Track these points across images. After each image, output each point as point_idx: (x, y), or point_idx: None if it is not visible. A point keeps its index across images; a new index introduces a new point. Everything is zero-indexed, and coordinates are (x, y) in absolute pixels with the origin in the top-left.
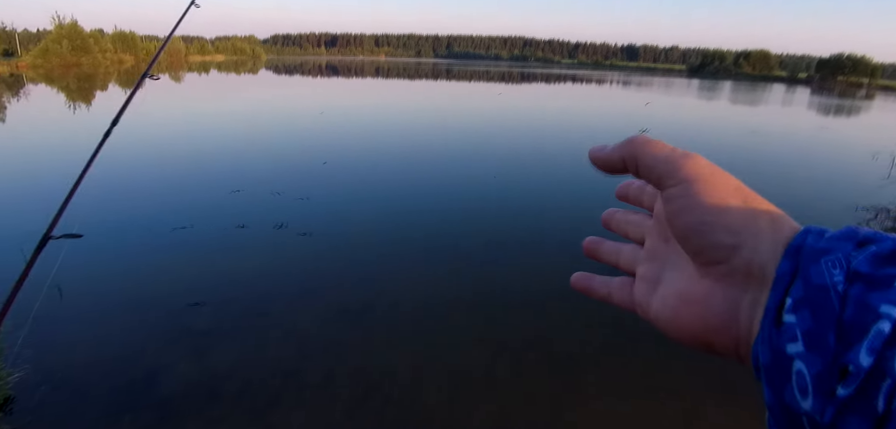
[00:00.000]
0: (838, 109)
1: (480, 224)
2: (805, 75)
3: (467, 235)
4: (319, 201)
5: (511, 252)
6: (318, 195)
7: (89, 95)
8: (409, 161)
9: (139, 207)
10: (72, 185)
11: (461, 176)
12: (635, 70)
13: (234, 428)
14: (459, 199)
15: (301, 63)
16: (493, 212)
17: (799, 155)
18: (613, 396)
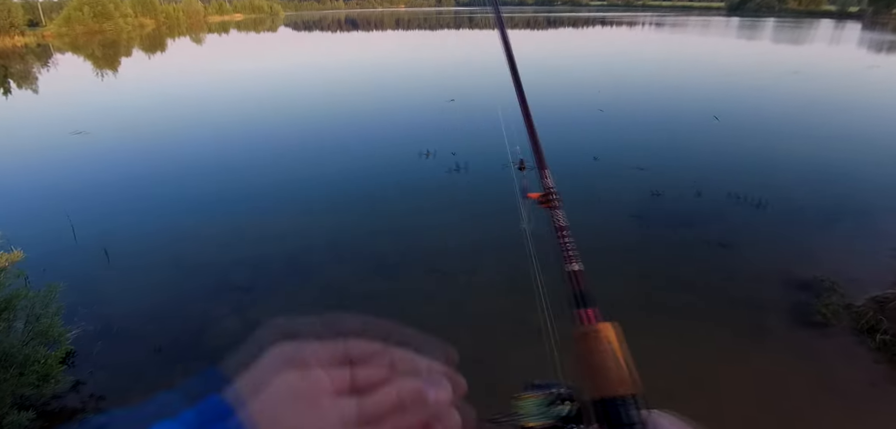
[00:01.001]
0: (892, 45)
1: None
2: (856, 9)
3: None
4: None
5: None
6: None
7: (116, 63)
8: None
9: (182, 175)
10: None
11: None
12: (670, 9)
13: None
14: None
15: (320, 19)
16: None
17: (845, 96)
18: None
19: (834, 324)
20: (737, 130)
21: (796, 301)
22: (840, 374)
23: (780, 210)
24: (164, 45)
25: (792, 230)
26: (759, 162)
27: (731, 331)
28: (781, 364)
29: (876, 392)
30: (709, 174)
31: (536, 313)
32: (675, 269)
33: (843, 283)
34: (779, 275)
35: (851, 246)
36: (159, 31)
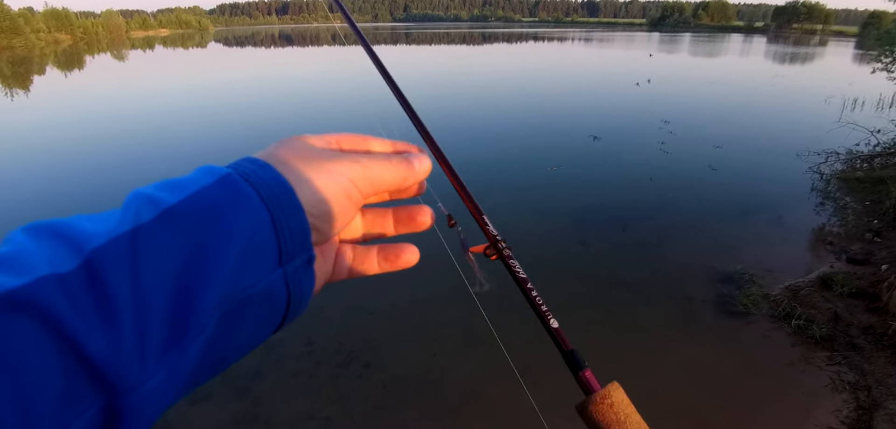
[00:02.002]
0: (793, 56)
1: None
2: (762, 24)
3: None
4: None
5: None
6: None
7: (27, 82)
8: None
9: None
10: None
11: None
12: (596, 26)
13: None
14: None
15: (253, 34)
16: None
17: (755, 103)
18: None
19: (754, 312)
20: (660, 137)
21: (720, 293)
22: (762, 357)
23: (701, 209)
24: (82, 62)
25: (713, 227)
26: (680, 165)
27: (664, 323)
28: (710, 351)
29: (793, 371)
30: (635, 177)
31: (519, 391)
32: (611, 270)
33: (761, 274)
34: (703, 269)
35: (766, 239)
36: (77, 47)
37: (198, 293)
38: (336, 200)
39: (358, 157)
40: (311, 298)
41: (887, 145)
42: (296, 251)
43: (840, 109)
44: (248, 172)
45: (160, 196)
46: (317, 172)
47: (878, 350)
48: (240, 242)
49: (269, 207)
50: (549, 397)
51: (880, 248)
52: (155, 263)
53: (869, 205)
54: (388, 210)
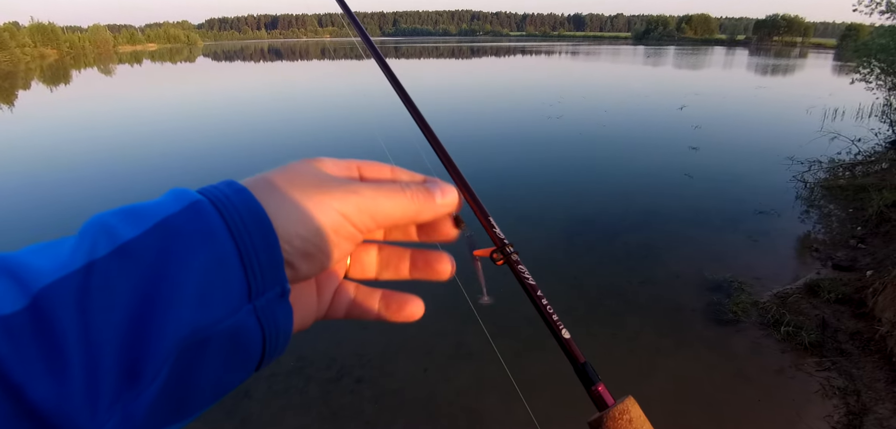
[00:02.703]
0: (775, 68)
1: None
2: (743, 37)
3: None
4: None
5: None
6: None
7: (12, 96)
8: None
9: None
10: None
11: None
12: (583, 39)
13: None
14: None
15: (242, 48)
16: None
17: (740, 114)
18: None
19: (744, 320)
20: (648, 148)
21: (710, 301)
22: (752, 363)
23: (689, 219)
24: (67, 77)
25: (701, 236)
26: (668, 176)
27: (655, 332)
28: (701, 359)
29: (783, 377)
30: (623, 189)
31: (511, 405)
32: (601, 280)
33: (750, 281)
34: (693, 278)
35: (753, 247)
36: (63, 61)
37: (152, 335)
38: (319, 235)
39: (356, 186)
40: (291, 333)
41: (868, 154)
42: (266, 285)
43: (821, 119)
44: (220, 197)
45: (119, 227)
46: (302, 201)
47: (866, 355)
48: (200, 277)
49: (236, 238)
50: (545, 411)
51: (864, 254)
52: (107, 303)
53: (852, 212)
54: (406, 251)
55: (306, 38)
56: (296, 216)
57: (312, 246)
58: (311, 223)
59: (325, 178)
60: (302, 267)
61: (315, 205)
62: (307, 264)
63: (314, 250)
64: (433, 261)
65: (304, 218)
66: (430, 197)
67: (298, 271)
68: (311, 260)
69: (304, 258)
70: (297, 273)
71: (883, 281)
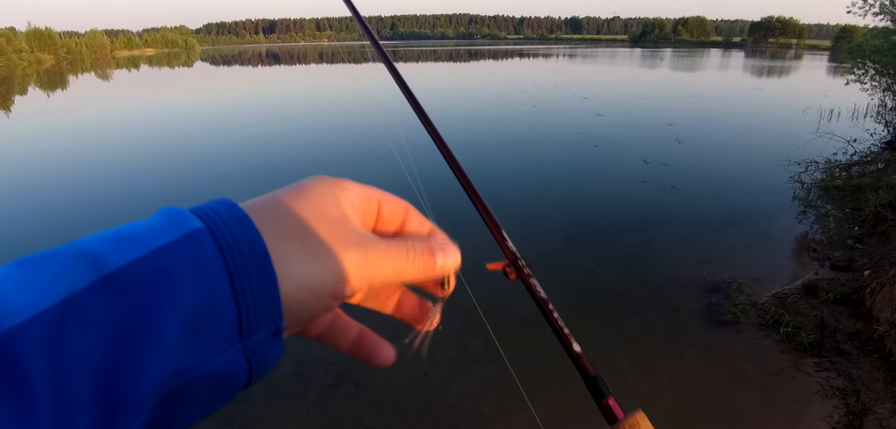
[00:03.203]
0: (770, 70)
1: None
2: (739, 39)
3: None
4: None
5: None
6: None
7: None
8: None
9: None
10: None
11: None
12: (580, 42)
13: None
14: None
15: (240, 53)
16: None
17: (736, 115)
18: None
19: (743, 321)
20: (644, 150)
21: (709, 302)
22: (752, 364)
23: (687, 220)
24: (65, 82)
25: (699, 238)
26: (666, 177)
27: (654, 334)
28: (700, 360)
29: (783, 378)
30: (621, 191)
31: (511, 409)
32: (599, 282)
33: (748, 282)
34: (691, 280)
35: (751, 248)
36: (60, 67)
37: (132, 379)
38: (317, 294)
39: (368, 249)
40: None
41: (864, 154)
42: (260, 325)
43: (817, 120)
44: (219, 225)
45: (104, 255)
46: (310, 251)
47: (865, 355)
48: (189, 317)
49: (233, 276)
50: (546, 414)
51: (861, 254)
52: (85, 342)
53: (849, 212)
54: (396, 290)
55: (304, 42)
56: (299, 267)
57: (309, 307)
58: (314, 278)
59: (340, 225)
60: (297, 314)
61: (322, 258)
62: (302, 313)
63: (312, 303)
64: (421, 310)
65: (313, 287)
66: (431, 260)
67: (292, 317)
68: (306, 310)
69: (300, 309)
70: (290, 320)
71: (880, 281)
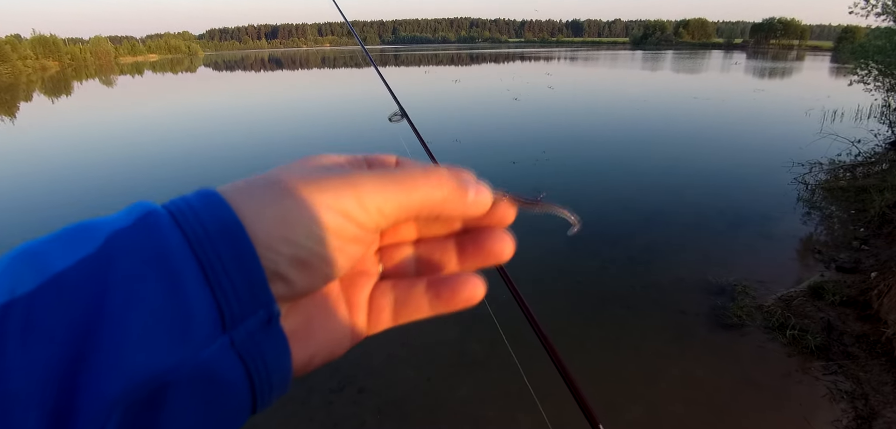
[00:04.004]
0: (772, 71)
1: None
2: (740, 41)
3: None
4: None
5: None
6: None
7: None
8: None
9: None
10: None
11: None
12: (581, 45)
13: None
14: None
15: (242, 58)
16: None
17: (739, 117)
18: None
19: (748, 324)
20: (647, 152)
21: (714, 305)
22: (758, 368)
23: (691, 223)
24: (69, 89)
25: (703, 240)
26: (669, 180)
27: (659, 337)
28: (706, 364)
29: (790, 382)
30: (625, 193)
31: (516, 413)
32: (604, 285)
33: (754, 285)
34: (696, 282)
35: (756, 250)
36: (64, 73)
37: (86, 387)
38: (314, 238)
39: (356, 177)
40: (289, 367)
41: (868, 155)
42: (244, 310)
43: (820, 121)
44: (182, 207)
45: (49, 256)
46: (287, 199)
47: (873, 358)
48: (150, 308)
49: (198, 254)
50: (550, 417)
51: (867, 255)
52: (27, 351)
53: (854, 213)
54: (450, 240)
55: (306, 47)
56: (279, 217)
57: (307, 251)
58: (300, 224)
59: (317, 171)
60: (298, 279)
61: (304, 202)
62: (305, 275)
63: (310, 256)
64: (484, 241)
65: (290, 219)
66: (462, 189)
67: (295, 284)
68: (308, 269)
69: (299, 268)
70: (293, 287)
71: (887, 282)
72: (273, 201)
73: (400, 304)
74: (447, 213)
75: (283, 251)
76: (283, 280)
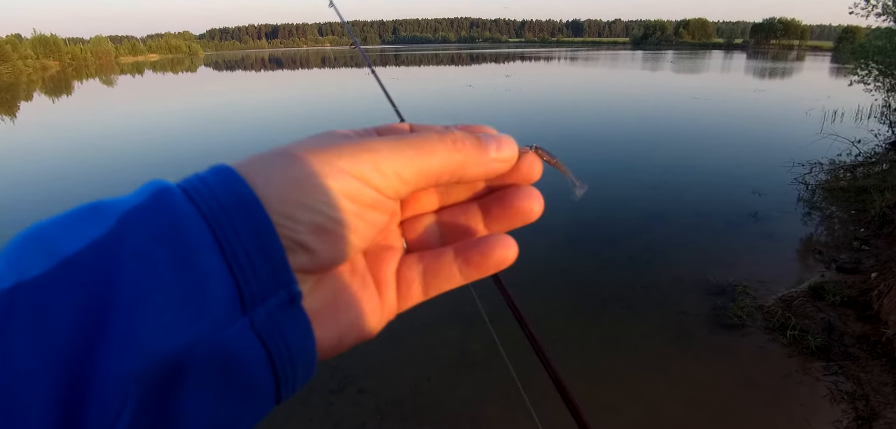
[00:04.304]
0: (772, 71)
1: None
2: (741, 41)
3: None
4: None
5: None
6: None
7: (14, 108)
8: None
9: None
10: None
11: None
12: (581, 45)
13: None
14: None
15: (243, 58)
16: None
17: (739, 116)
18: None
19: (749, 324)
20: (647, 152)
21: (714, 306)
22: (758, 369)
23: (691, 222)
24: (69, 88)
25: (703, 240)
26: (669, 179)
27: (659, 338)
28: (706, 364)
29: (791, 382)
30: (625, 193)
31: (516, 414)
32: (604, 285)
33: (754, 285)
34: (696, 282)
35: (756, 250)
36: (65, 73)
37: (101, 370)
38: (331, 204)
39: (371, 143)
40: (314, 350)
41: (868, 155)
42: (264, 289)
43: (821, 121)
44: (195, 182)
45: (59, 237)
46: (301, 166)
47: (873, 359)
48: (165, 285)
49: (214, 228)
50: (549, 420)
51: (868, 256)
52: (37, 335)
53: (854, 214)
54: (473, 204)
55: (307, 47)
56: (295, 183)
57: (325, 218)
58: (317, 189)
59: (331, 138)
60: (320, 248)
61: (319, 168)
62: (326, 243)
63: (330, 223)
64: (512, 199)
65: (306, 184)
66: (482, 148)
67: (317, 254)
68: (329, 237)
69: (319, 235)
70: (316, 257)
71: (888, 283)
72: (287, 168)
73: (430, 275)
74: (469, 175)
75: (301, 218)
76: (304, 249)
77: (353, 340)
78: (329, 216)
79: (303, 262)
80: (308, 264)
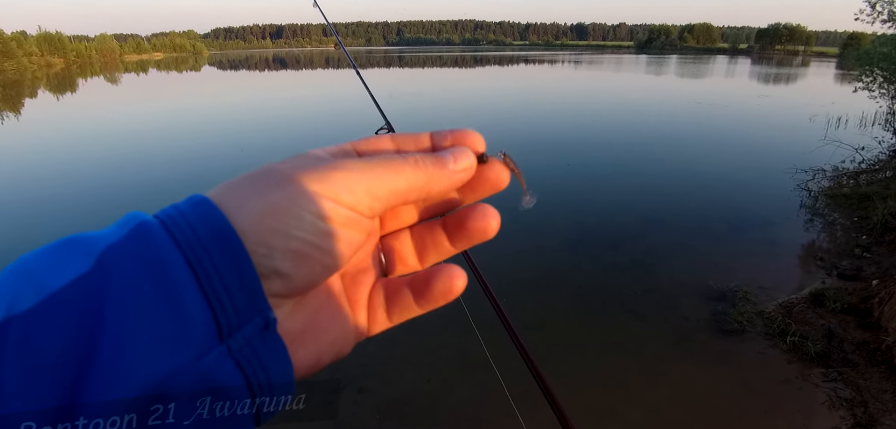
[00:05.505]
0: (777, 77)
1: None
2: (745, 46)
3: None
4: None
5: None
6: None
7: (18, 104)
8: None
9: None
10: None
11: None
12: (586, 48)
13: None
14: None
15: (247, 57)
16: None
17: (742, 122)
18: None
19: (749, 330)
20: (650, 156)
21: (714, 311)
22: (758, 375)
23: (692, 228)
24: (74, 86)
25: (705, 246)
26: (671, 184)
27: (659, 342)
28: (706, 370)
29: (790, 388)
30: (627, 197)
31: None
32: (604, 290)
33: (754, 291)
34: (697, 288)
35: (757, 256)
36: (69, 70)
37: (84, 400)
38: (306, 227)
39: (342, 164)
40: (291, 375)
41: (872, 162)
42: (240, 317)
43: (825, 128)
44: (172, 214)
45: (45, 271)
46: (273, 192)
47: (873, 366)
48: (147, 319)
49: (191, 261)
50: (547, 423)
51: (869, 263)
52: (25, 369)
53: (856, 221)
54: (436, 222)
55: (311, 47)
56: (268, 211)
57: (300, 242)
58: (290, 215)
59: (304, 161)
60: (295, 272)
61: (291, 193)
62: (301, 267)
63: (305, 247)
64: (469, 221)
65: (279, 210)
66: (440, 165)
67: (292, 279)
68: (306, 261)
69: (294, 260)
70: (291, 282)
71: (889, 291)
72: (261, 196)
73: (390, 303)
74: (436, 191)
75: (276, 244)
76: (279, 276)
77: (331, 358)
78: (304, 240)
79: (278, 288)
80: (283, 289)
